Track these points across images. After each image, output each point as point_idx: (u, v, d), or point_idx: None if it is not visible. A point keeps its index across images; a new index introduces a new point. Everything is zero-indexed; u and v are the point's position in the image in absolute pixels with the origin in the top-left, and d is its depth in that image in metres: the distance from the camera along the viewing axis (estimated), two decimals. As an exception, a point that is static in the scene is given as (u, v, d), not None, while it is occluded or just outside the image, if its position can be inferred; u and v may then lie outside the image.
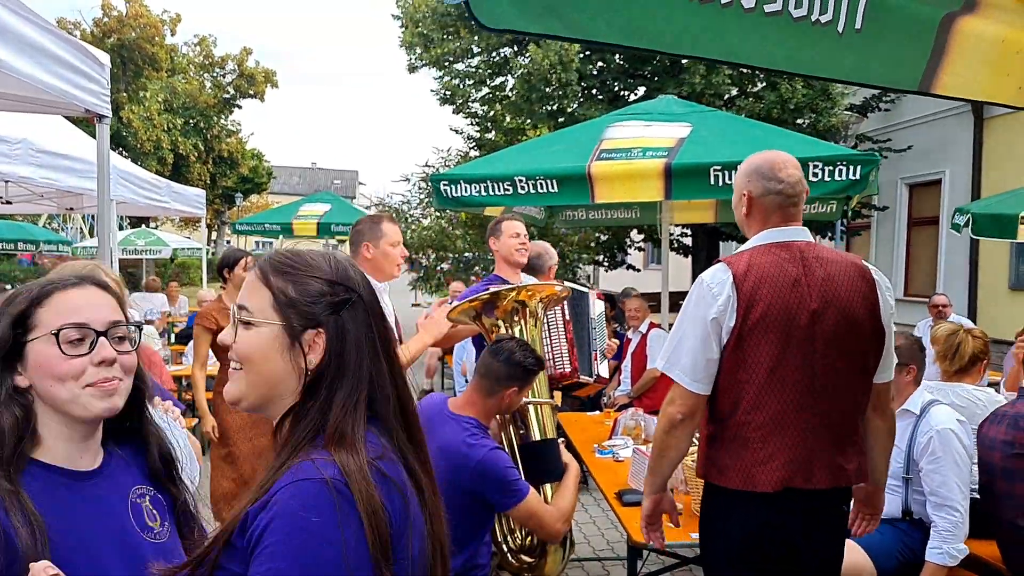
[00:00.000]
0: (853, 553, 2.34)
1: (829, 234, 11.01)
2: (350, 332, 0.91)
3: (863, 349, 1.79)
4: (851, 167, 3.51)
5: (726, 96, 9.86)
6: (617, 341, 4.42)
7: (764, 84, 9.75)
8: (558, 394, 4.36)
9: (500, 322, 2.39)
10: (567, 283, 2.76)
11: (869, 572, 2.42)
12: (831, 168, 3.51)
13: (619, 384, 5.33)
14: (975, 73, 1.62)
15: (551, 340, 2.78)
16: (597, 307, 3.19)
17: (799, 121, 9.50)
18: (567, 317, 2.85)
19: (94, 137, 2.83)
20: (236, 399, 0.95)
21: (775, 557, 1.75)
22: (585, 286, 3.67)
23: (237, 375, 0.95)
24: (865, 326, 1.78)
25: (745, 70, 9.74)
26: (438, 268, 10.34)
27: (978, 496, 2.53)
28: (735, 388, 1.72)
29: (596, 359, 3.10)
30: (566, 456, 2.40)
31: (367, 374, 0.91)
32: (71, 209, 6.62)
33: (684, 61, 9.35)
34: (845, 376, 1.76)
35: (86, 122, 2.84)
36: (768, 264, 1.76)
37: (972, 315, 8.90)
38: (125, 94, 24.66)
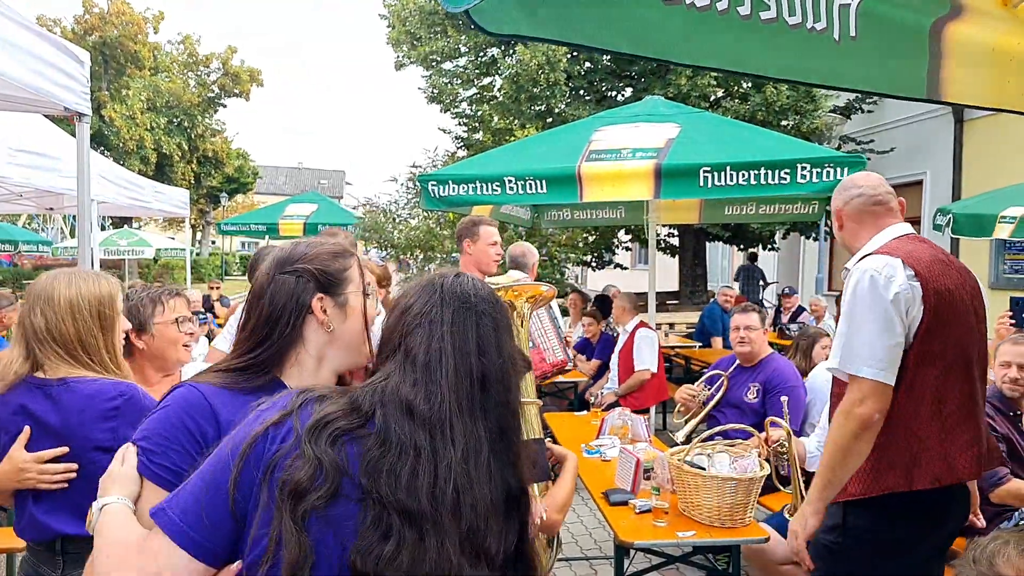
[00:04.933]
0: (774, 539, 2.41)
1: (812, 235, 11.09)
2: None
3: (984, 327, 1.79)
4: (838, 169, 3.55)
5: (712, 98, 9.92)
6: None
7: (750, 85, 9.81)
8: None
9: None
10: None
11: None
12: (818, 170, 3.54)
13: (607, 382, 5.33)
14: (977, 80, 1.64)
15: (544, 333, 2.79)
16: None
17: (783, 123, 9.57)
18: (552, 315, 2.96)
19: (75, 136, 2.78)
20: None
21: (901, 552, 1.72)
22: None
23: None
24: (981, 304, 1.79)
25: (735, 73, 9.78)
26: (426, 268, 10.30)
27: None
28: (918, 384, 1.66)
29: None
30: (563, 449, 2.40)
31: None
32: (51, 209, 6.50)
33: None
34: (984, 355, 1.76)
35: (67, 121, 2.79)
36: (919, 249, 1.71)
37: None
38: (107, 92, 24.32)
